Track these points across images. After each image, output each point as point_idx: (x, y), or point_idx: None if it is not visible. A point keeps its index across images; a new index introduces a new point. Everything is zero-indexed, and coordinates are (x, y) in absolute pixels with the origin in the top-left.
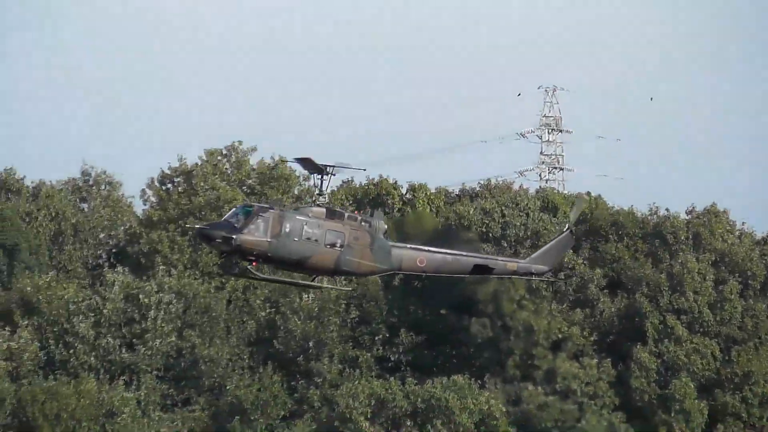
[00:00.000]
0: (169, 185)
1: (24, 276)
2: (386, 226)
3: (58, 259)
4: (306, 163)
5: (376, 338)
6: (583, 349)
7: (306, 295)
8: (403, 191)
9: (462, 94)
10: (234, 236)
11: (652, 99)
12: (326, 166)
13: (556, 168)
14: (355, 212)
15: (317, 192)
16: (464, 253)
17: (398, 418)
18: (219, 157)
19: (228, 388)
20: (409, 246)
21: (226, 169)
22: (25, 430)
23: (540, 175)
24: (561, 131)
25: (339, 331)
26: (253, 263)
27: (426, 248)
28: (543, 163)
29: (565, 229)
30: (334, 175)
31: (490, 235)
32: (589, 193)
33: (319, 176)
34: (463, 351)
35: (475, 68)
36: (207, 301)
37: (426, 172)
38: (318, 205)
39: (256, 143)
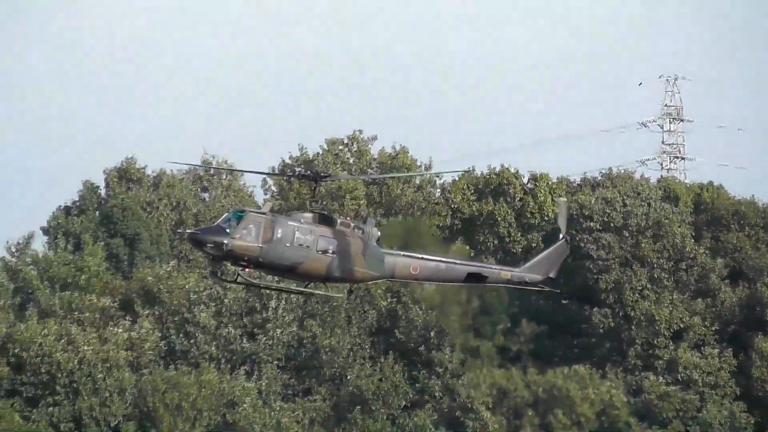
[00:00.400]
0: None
1: (145, 266)
2: (379, 233)
3: (180, 249)
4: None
5: (498, 327)
6: (704, 338)
7: (428, 283)
8: (525, 180)
9: (583, 83)
10: (225, 241)
11: None
12: (318, 173)
13: (677, 157)
14: (348, 218)
15: (310, 198)
16: (458, 261)
17: (519, 408)
18: (340, 147)
19: (349, 378)
20: (402, 253)
21: (347, 158)
22: (146, 420)
23: (661, 165)
24: (682, 120)
25: (460, 321)
26: (245, 269)
27: (419, 256)
28: (664, 152)
29: (560, 238)
30: (325, 182)
31: (612, 224)
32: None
33: (314, 183)
34: (585, 341)
35: (597, 57)
36: (328, 290)
37: (547, 161)
38: (310, 211)
39: (377, 132)
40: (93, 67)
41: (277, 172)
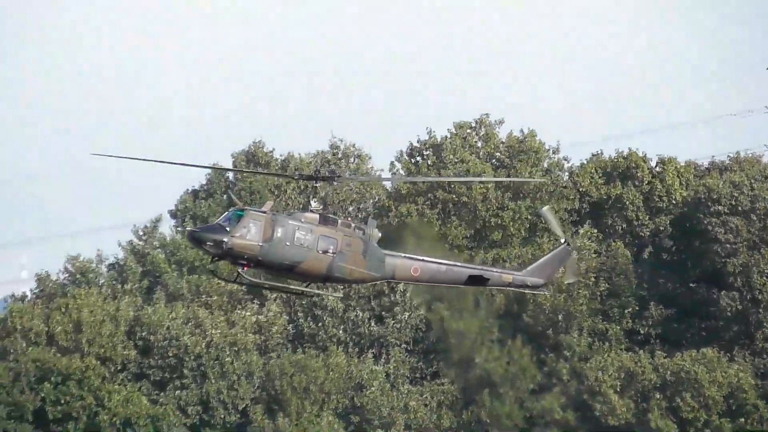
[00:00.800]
0: (419, 158)
1: None
2: (380, 234)
3: None
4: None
5: (626, 311)
6: None
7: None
8: (653, 164)
9: (712, 68)
10: (225, 239)
11: None
12: (319, 171)
13: None
14: (348, 219)
15: (312, 197)
16: (459, 264)
17: (647, 391)
18: (468, 130)
19: (477, 361)
20: (403, 255)
21: (475, 142)
22: (273, 403)
23: None
24: None
25: (588, 304)
26: (244, 267)
27: (420, 257)
28: None
29: (562, 242)
30: (334, 180)
31: (739, 208)
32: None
33: (315, 183)
34: (713, 324)
35: (726, 42)
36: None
37: (675, 144)
38: (311, 211)
39: (504, 116)
40: (222, 51)
41: (296, 170)
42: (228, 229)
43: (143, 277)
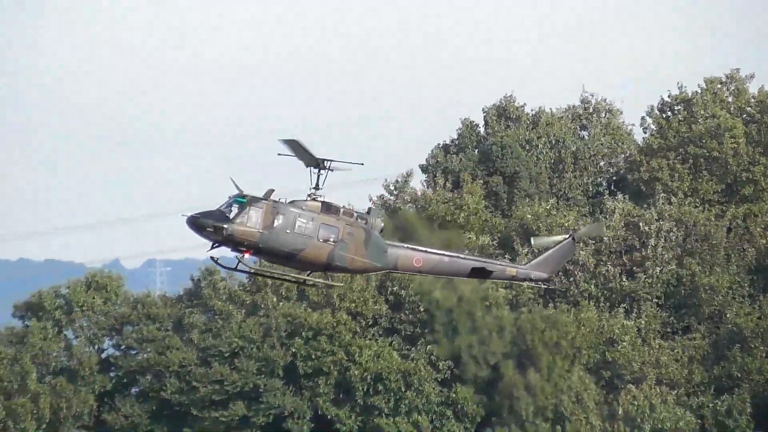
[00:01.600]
0: (669, 113)
1: (524, 204)
2: (383, 224)
3: (558, 187)
4: (293, 146)
5: None
6: None
7: None
8: None
9: None
10: (225, 226)
11: None
12: (322, 159)
13: None
14: (351, 208)
15: (313, 186)
16: (462, 256)
17: None
18: (719, 85)
19: (728, 316)
20: (405, 245)
21: (725, 97)
22: (524, 358)
23: None
24: None
25: None
26: (244, 254)
27: (422, 248)
28: None
29: (567, 236)
30: (331, 170)
31: None
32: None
33: (316, 170)
34: None
35: None
36: (707, 228)
37: None
38: (313, 199)
39: (754, 71)
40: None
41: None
42: (229, 215)
43: (394, 232)
